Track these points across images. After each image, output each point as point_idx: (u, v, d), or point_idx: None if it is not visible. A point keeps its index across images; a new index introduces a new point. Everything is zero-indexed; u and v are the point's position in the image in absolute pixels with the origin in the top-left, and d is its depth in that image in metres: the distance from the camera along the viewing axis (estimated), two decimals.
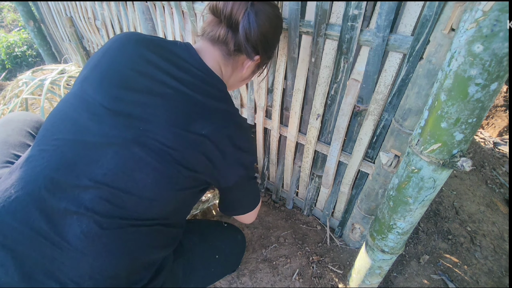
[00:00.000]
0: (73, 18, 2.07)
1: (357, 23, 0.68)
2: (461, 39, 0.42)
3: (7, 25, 3.91)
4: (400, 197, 0.62)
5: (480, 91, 0.43)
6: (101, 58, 0.56)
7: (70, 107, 0.53)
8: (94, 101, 0.51)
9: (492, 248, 1.14)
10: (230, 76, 0.68)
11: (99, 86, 0.52)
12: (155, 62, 0.54)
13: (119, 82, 0.52)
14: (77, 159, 0.49)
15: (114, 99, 0.51)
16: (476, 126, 0.47)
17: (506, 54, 0.39)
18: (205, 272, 0.80)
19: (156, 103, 0.52)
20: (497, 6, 0.37)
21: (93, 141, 0.50)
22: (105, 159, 0.49)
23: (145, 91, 0.52)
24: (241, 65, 0.66)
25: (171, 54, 0.57)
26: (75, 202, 0.48)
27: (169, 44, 0.59)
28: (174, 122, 0.52)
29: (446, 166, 0.52)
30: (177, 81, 0.54)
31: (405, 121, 0.69)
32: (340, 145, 0.92)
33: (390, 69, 0.70)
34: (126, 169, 0.50)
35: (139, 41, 0.56)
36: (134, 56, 0.54)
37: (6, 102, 1.29)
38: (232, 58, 0.64)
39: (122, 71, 0.53)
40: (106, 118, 0.50)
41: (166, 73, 0.54)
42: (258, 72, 0.76)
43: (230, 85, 0.71)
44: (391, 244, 0.72)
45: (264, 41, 0.60)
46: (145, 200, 0.52)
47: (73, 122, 0.51)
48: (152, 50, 0.56)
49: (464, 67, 0.42)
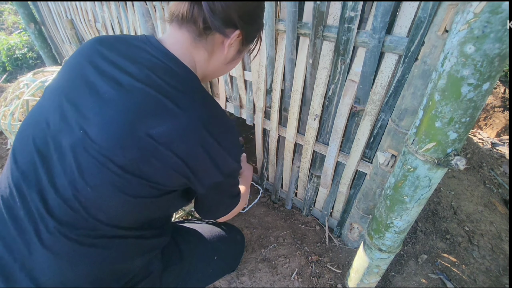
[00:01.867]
0: (73, 20, 2.09)
1: (354, 25, 0.69)
2: (453, 40, 0.43)
3: (8, 27, 3.93)
4: (397, 196, 0.63)
5: (473, 91, 0.44)
6: (64, 65, 0.55)
7: (31, 117, 0.54)
8: (47, 108, 0.51)
9: (490, 247, 1.14)
10: (208, 60, 0.57)
11: (53, 90, 0.52)
12: (107, 57, 0.50)
13: (69, 83, 0.51)
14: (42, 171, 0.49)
15: (63, 100, 0.50)
16: (469, 125, 0.48)
17: (497, 54, 0.40)
18: (204, 273, 0.81)
19: (100, 102, 0.47)
20: (488, 8, 0.38)
21: (45, 148, 0.49)
22: (53, 167, 0.48)
23: (91, 89, 0.48)
24: (221, 45, 0.55)
25: (128, 45, 0.53)
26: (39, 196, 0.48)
27: (128, 37, 0.56)
28: (118, 122, 0.46)
29: (441, 164, 0.53)
30: (129, 76, 0.48)
31: (402, 121, 0.70)
32: (338, 145, 0.93)
33: (386, 70, 0.71)
34: (69, 177, 0.47)
35: (97, 40, 0.54)
36: (89, 55, 0.52)
37: (7, 104, 1.30)
38: (205, 39, 0.53)
39: (74, 70, 0.52)
40: (55, 124, 0.49)
41: (117, 67, 0.49)
42: (248, 49, 0.64)
43: (212, 71, 0.60)
44: (389, 243, 0.72)
45: (240, 10, 0.50)
46: (92, 211, 0.48)
47: (33, 131, 0.51)
48: (107, 45, 0.52)
49: (457, 67, 0.43)
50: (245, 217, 1.25)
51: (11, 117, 1.21)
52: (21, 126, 0.54)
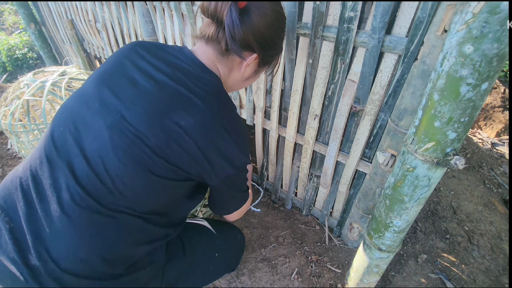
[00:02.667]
0: (73, 20, 2.09)
1: (353, 25, 0.69)
2: (452, 40, 0.43)
3: (8, 27, 3.93)
4: (396, 195, 0.63)
5: (472, 91, 0.44)
6: (106, 60, 0.63)
7: (72, 99, 0.61)
8: (89, 93, 0.58)
9: (490, 247, 1.15)
10: (228, 76, 0.66)
11: (95, 79, 0.59)
12: (145, 58, 0.58)
13: (109, 75, 0.58)
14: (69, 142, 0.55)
15: (105, 88, 0.56)
16: (468, 125, 0.48)
17: (496, 54, 0.40)
18: (204, 270, 0.81)
19: (138, 92, 0.54)
20: (486, 8, 0.38)
21: (83, 126, 0.55)
22: (86, 143, 0.54)
23: (130, 81, 0.56)
24: (239, 64, 0.64)
25: (163, 52, 0.60)
26: (68, 167, 0.53)
27: (164, 45, 0.63)
28: (152, 110, 0.53)
29: (440, 164, 0.53)
30: (163, 74, 0.56)
31: (401, 121, 0.71)
32: (338, 145, 0.93)
33: (385, 70, 0.71)
34: (102, 153, 0.52)
35: (136, 43, 0.62)
36: (128, 54, 0.60)
37: (7, 104, 1.30)
38: (227, 58, 0.62)
39: (115, 65, 0.59)
40: (94, 106, 0.56)
41: (153, 66, 0.57)
42: (265, 70, 0.72)
43: (230, 85, 0.69)
44: (388, 242, 0.73)
45: (259, 37, 0.58)
46: (119, 186, 0.53)
47: (72, 111, 0.58)
48: (145, 49, 0.60)
49: (456, 67, 0.44)
50: (245, 216, 1.25)
51: (12, 117, 1.21)
52: (61, 107, 0.61)
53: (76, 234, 0.52)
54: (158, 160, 0.53)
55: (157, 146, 0.52)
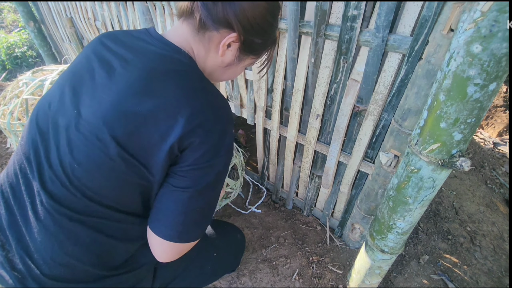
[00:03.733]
0: (73, 18, 2.08)
1: (357, 24, 0.68)
2: (459, 40, 0.42)
3: (7, 25, 3.92)
4: (400, 197, 0.62)
5: (479, 91, 0.43)
6: (76, 57, 0.61)
7: (40, 100, 0.59)
8: (51, 92, 0.57)
9: (492, 248, 1.14)
10: (205, 58, 0.57)
11: (60, 77, 0.58)
12: (110, 48, 0.55)
13: (73, 72, 0.56)
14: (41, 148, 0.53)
15: (66, 86, 0.55)
16: (475, 126, 0.47)
17: (505, 54, 0.39)
18: (202, 270, 0.80)
19: (96, 86, 0.51)
20: (496, 7, 0.37)
21: (46, 127, 0.54)
22: (50, 145, 0.52)
23: (91, 76, 0.53)
24: (217, 44, 0.55)
25: (130, 37, 0.56)
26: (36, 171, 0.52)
27: (132, 31, 0.59)
28: (108, 102, 0.49)
29: (445, 166, 0.52)
30: (125, 62, 0.51)
31: (405, 121, 0.70)
32: (340, 145, 0.92)
33: (389, 70, 0.70)
34: (60, 155, 0.51)
35: (103, 34, 0.59)
36: (94, 46, 0.57)
37: (6, 103, 1.30)
38: (203, 35, 0.54)
39: (81, 61, 0.57)
40: (54, 106, 0.54)
41: (116, 56, 0.53)
42: (252, 61, 0.63)
43: (209, 71, 0.61)
44: (391, 244, 0.72)
45: (241, 16, 0.51)
46: (79, 187, 0.50)
47: (38, 113, 0.57)
48: (111, 38, 0.57)
49: (463, 67, 0.43)
50: (245, 217, 1.25)
51: (10, 116, 1.20)
52: (32, 110, 0.59)
53: (50, 240, 0.51)
54: (116, 157, 0.48)
55: (113, 141, 0.48)
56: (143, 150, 0.49)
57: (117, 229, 0.56)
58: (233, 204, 1.30)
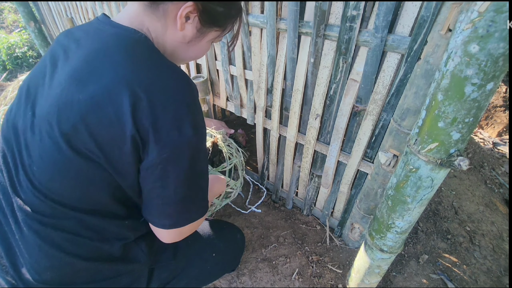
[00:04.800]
0: (73, 19, 2.08)
1: (356, 24, 0.68)
2: (457, 40, 0.42)
3: (8, 26, 3.92)
4: (399, 196, 0.62)
5: (477, 91, 0.43)
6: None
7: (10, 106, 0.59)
8: (16, 98, 0.57)
9: (491, 247, 1.14)
10: (164, 35, 0.52)
11: (21, 84, 0.58)
12: (63, 45, 0.53)
13: (33, 74, 0.56)
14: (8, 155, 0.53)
15: (25, 88, 0.55)
16: (472, 125, 0.47)
17: (502, 54, 0.40)
18: (201, 270, 0.80)
19: (45, 85, 0.51)
20: (493, 7, 0.38)
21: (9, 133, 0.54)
22: (15, 152, 0.52)
23: (43, 75, 0.53)
24: (175, 19, 0.50)
25: (80, 30, 0.54)
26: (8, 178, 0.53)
27: (85, 24, 0.56)
28: (52, 96, 0.47)
29: (443, 165, 0.52)
30: (67, 53, 0.50)
31: (404, 121, 0.70)
32: (339, 145, 0.92)
33: (388, 70, 0.70)
34: (22, 158, 0.51)
35: (61, 33, 0.58)
36: (52, 47, 0.56)
37: (7, 103, 1.30)
38: (156, 8, 0.49)
39: (41, 62, 0.56)
40: (15, 110, 0.55)
41: (64, 50, 0.52)
42: (218, 35, 0.57)
43: (171, 50, 0.55)
44: (390, 243, 0.72)
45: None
46: (43, 190, 0.49)
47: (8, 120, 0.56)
48: (66, 35, 0.55)
49: (461, 67, 0.43)
50: (245, 216, 1.25)
51: None
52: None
53: (31, 244, 0.52)
54: (68, 153, 0.46)
55: (61, 136, 0.45)
56: (98, 141, 0.45)
57: (91, 230, 0.54)
58: (233, 203, 1.30)
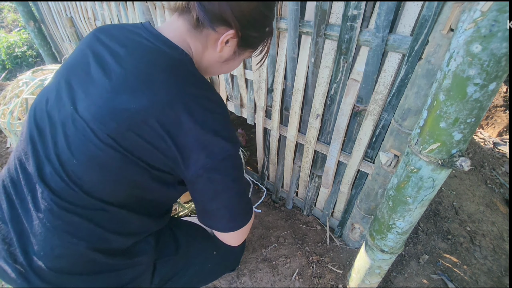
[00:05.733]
0: (73, 18, 2.08)
1: (357, 24, 0.68)
2: (459, 39, 0.42)
3: (7, 25, 3.92)
4: (400, 196, 0.62)
5: (479, 91, 0.43)
6: (72, 52, 0.61)
7: (38, 95, 0.60)
8: (49, 87, 0.57)
9: (492, 248, 1.14)
10: (202, 54, 0.57)
11: (57, 72, 0.58)
12: (104, 43, 0.55)
13: (69, 66, 0.56)
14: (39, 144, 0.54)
15: (62, 81, 0.55)
16: (474, 126, 0.47)
17: (505, 54, 0.39)
18: (201, 268, 0.80)
19: (90, 81, 0.52)
20: (496, 7, 0.37)
21: (43, 122, 0.55)
22: (47, 139, 0.53)
23: (85, 71, 0.53)
24: (215, 41, 0.55)
25: (123, 31, 0.56)
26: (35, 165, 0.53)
27: (126, 24, 0.59)
28: (101, 98, 0.49)
29: (445, 166, 0.52)
30: (117, 57, 0.51)
31: (405, 121, 0.70)
32: (340, 145, 0.92)
33: (389, 69, 0.70)
34: (58, 150, 0.51)
35: (97, 29, 0.59)
36: (89, 42, 0.57)
37: (6, 102, 1.30)
38: (200, 32, 0.54)
39: (77, 56, 0.57)
40: (51, 101, 0.55)
41: (109, 50, 0.53)
42: (250, 54, 0.63)
43: (206, 66, 0.60)
44: (391, 244, 0.72)
45: (237, 12, 0.50)
46: (77, 181, 0.51)
47: (36, 107, 0.57)
48: (105, 33, 0.57)
49: (463, 67, 0.43)
50: None
51: (10, 115, 1.20)
52: (30, 107, 0.60)
53: (51, 232, 0.52)
54: (113, 153, 0.49)
55: (108, 137, 0.48)
56: (141, 147, 0.49)
57: (114, 223, 0.57)
58: None
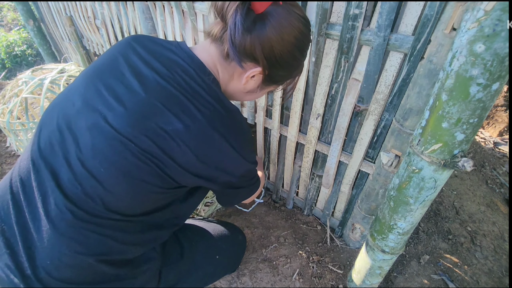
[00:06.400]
0: (72, 17, 2.07)
1: (358, 23, 0.67)
2: (462, 39, 0.42)
3: (7, 24, 3.91)
4: (401, 197, 0.62)
5: (482, 91, 0.43)
6: (101, 55, 0.59)
7: (60, 96, 0.57)
8: (74, 90, 0.55)
9: (493, 248, 1.14)
10: (228, 82, 0.59)
11: (84, 75, 0.56)
12: (139, 53, 0.54)
13: (99, 71, 0.55)
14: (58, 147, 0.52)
15: (91, 85, 0.53)
16: (477, 126, 0.47)
17: (508, 53, 0.39)
18: (205, 272, 0.80)
19: (124, 91, 0.50)
20: (499, 6, 0.37)
21: (66, 126, 0.52)
22: (68, 145, 0.51)
23: (118, 79, 0.52)
24: (241, 74, 0.57)
25: (159, 46, 0.56)
26: (50, 170, 0.51)
27: (161, 40, 0.59)
28: (135, 111, 0.49)
29: (447, 166, 0.51)
30: (154, 72, 0.51)
31: (406, 121, 0.69)
32: (341, 145, 0.92)
33: (391, 69, 0.69)
34: (82, 157, 0.49)
35: (132, 37, 0.58)
36: (122, 49, 0.56)
37: (5, 102, 1.29)
38: (229, 63, 0.55)
39: (108, 61, 0.56)
40: (77, 105, 0.53)
41: (145, 63, 0.53)
42: (274, 89, 0.65)
43: (230, 93, 0.62)
44: (392, 244, 0.71)
45: (267, 52, 0.50)
46: (100, 191, 0.50)
47: (57, 110, 0.55)
48: (140, 43, 0.56)
49: (466, 67, 0.42)
50: (246, 216, 1.24)
51: (10, 115, 1.20)
52: (50, 104, 0.58)
53: (60, 239, 0.51)
54: (143, 166, 0.49)
55: (141, 151, 0.48)
56: (173, 167, 0.51)
57: (125, 233, 0.56)
58: None
